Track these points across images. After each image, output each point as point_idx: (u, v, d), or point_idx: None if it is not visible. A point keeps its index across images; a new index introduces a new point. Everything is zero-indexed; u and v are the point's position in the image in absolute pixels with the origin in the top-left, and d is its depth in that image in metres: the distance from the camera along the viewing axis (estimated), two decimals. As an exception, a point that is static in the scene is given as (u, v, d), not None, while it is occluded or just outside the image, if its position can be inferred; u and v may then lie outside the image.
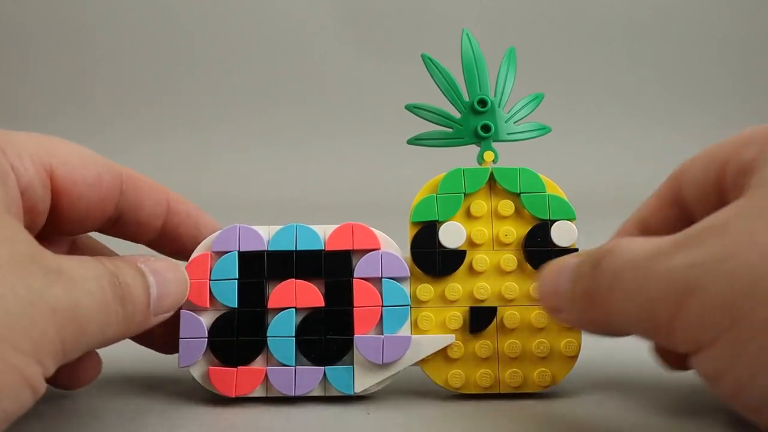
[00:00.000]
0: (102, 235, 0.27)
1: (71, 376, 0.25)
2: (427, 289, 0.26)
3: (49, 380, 0.19)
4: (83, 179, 0.24)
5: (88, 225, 0.25)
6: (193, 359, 0.26)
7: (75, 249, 0.27)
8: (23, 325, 0.17)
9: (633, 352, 0.28)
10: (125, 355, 0.28)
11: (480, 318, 0.26)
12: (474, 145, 0.28)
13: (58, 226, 0.24)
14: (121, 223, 0.26)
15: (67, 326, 0.18)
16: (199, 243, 0.27)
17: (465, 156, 0.28)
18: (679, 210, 0.25)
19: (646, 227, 0.26)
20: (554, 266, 0.23)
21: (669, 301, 0.17)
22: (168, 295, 0.23)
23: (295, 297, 0.26)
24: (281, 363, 0.26)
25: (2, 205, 0.20)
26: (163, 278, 0.23)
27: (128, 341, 0.25)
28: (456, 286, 0.26)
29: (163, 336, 0.27)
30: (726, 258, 0.17)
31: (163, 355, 0.28)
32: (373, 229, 0.27)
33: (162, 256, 0.26)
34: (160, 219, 0.26)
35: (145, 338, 0.27)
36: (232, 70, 0.99)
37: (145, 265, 0.23)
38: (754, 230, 0.17)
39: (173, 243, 0.27)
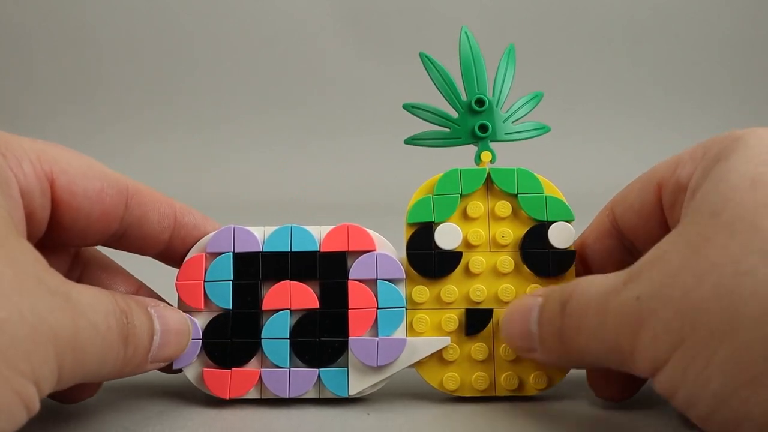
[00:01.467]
0: (108, 248, 0.27)
1: (68, 392, 0.24)
2: (422, 291, 0.26)
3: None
4: (84, 192, 0.23)
5: (91, 238, 0.24)
6: (187, 361, 0.25)
7: (79, 261, 0.27)
8: (25, 347, 0.17)
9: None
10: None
11: (476, 320, 0.26)
12: (473, 145, 0.28)
13: (59, 236, 0.24)
14: (127, 237, 0.25)
15: (67, 354, 0.18)
16: None
17: (467, 156, 0.28)
18: (617, 241, 0.26)
19: (583, 259, 0.27)
20: (517, 309, 0.24)
21: (626, 334, 0.19)
22: (168, 346, 0.23)
23: (289, 298, 0.26)
24: (275, 365, 0.25)
25: (7, 216, 0.19)
26: (167, 328, 0.23)
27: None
28: (452, 287, 0.26)
29: None
30: (666, 287, 0.18)
31: None
32: (368, 230, 0.27)
33: (172, 305, 0.25)
34: (167, 232, 0.26)
35: None
36: (232, 70, 0.99)
37: (154, 311, 0.23)
38: (689, 258, 0.18)
39: (181, 255, 0.27)
